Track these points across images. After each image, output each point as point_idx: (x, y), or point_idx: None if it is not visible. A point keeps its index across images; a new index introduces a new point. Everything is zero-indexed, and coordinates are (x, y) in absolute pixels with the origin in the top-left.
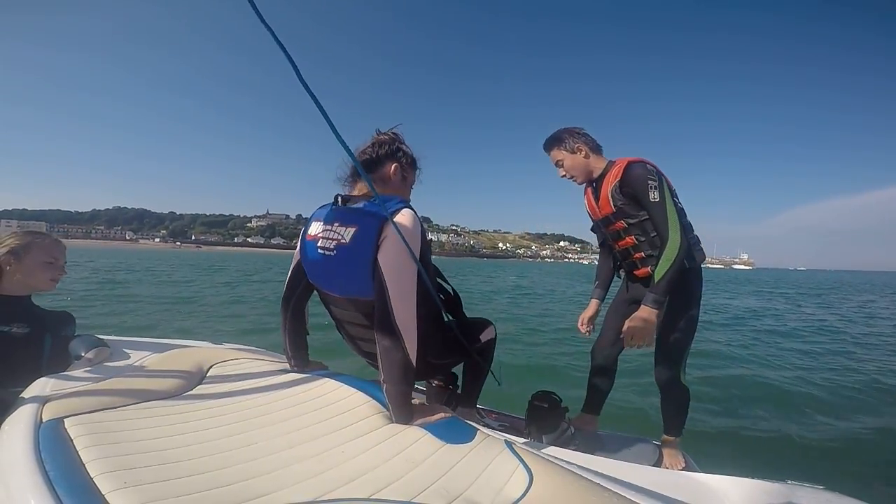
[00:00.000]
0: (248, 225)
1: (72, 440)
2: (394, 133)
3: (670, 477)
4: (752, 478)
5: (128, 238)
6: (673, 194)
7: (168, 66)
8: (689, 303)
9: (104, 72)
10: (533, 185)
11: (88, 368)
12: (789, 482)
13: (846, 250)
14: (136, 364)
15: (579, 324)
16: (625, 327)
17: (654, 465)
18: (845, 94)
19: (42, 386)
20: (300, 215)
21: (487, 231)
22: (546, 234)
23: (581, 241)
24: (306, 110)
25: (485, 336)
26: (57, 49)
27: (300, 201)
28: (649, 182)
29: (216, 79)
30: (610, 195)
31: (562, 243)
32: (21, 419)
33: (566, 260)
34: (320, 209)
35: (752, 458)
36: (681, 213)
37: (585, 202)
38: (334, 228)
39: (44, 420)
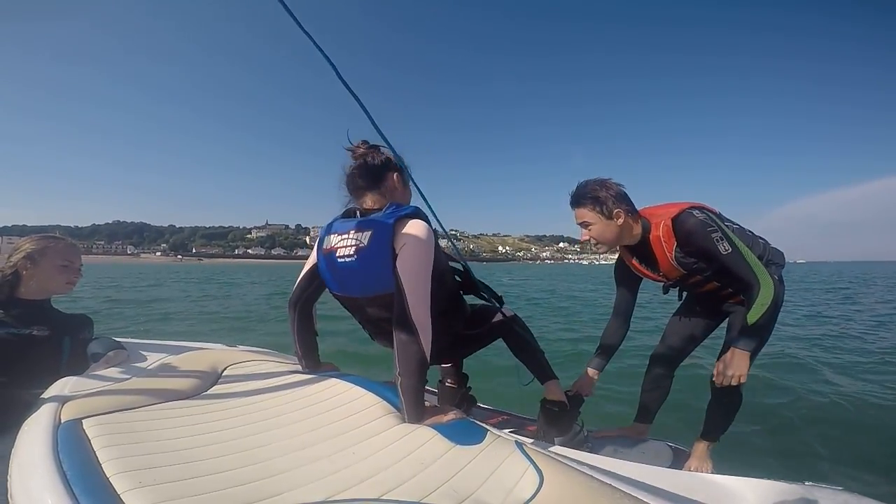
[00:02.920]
0: (248, 236)
1: (89, 440)
2: (371, 144)
3: (684, 478)
4: (769, 479)
5: (129, 252)
6: (731, 229)
7: (165, 77)
8: (774, 315)
9: (100, 83)
10: (531, 187)
11: (106, 370)
12: (807, 483)
13: (844, 242)
14: (152, 366)
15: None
16: (717, 371)
17: (668, 467)
18: (843, 87)
19: (61, 387)
20: (299, 225)
21: (487, 235)
22: (545, 236)
23: (581, 242)
24: (303, 120)
25: (493, 320)
26: (55, 60)
27: (299, 211)
28: (712, 235)
29: (212, 89)
30: (675, 262)
31: (561, 244)
32: (40, 420)
33: (566, 261)
34: (336, 223)
35: (769, 459)
36: (745, 237)
37: (630, 266)
38: (351, 236)
39: (62, 421)
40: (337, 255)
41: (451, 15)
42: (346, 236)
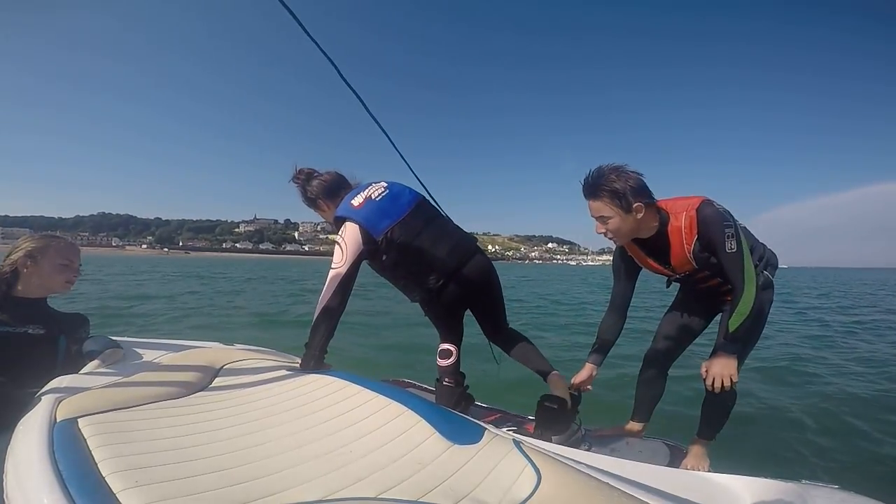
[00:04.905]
0: (236, 230)
1: (85, 440)
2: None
3: (681, 476)
4: (765, 477)
5: (114, 244)
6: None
7: (155, 70)
8: (761, 318)
9: (83, 69)
10: (521, 186)
11: (102, 369)
12: (803, 482)
13: (822, 248)
14: (148, 364)
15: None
16: (706, 371)
17: (665, 466)
18: (821, 97)
19: (57, 386)
20: (288, 220)
21: (476, 234)
22: (534, 236)
23: (568, 243)
24: (293, 113)
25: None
26: (36, 45)
27: (288, 206)
28: (726, 230)
29: (202, 82)
30: (691, 255)
31: (550, 245)
32: (36, 419)
33: (554, 261)
34: (350, 195)
35: (766, 457)
36: (749, 238)
37: (634, 258)
38: (373, 186)
39: (58, 420)
40: (373, 196)
41: (441, 24)
42: (370, 188)
